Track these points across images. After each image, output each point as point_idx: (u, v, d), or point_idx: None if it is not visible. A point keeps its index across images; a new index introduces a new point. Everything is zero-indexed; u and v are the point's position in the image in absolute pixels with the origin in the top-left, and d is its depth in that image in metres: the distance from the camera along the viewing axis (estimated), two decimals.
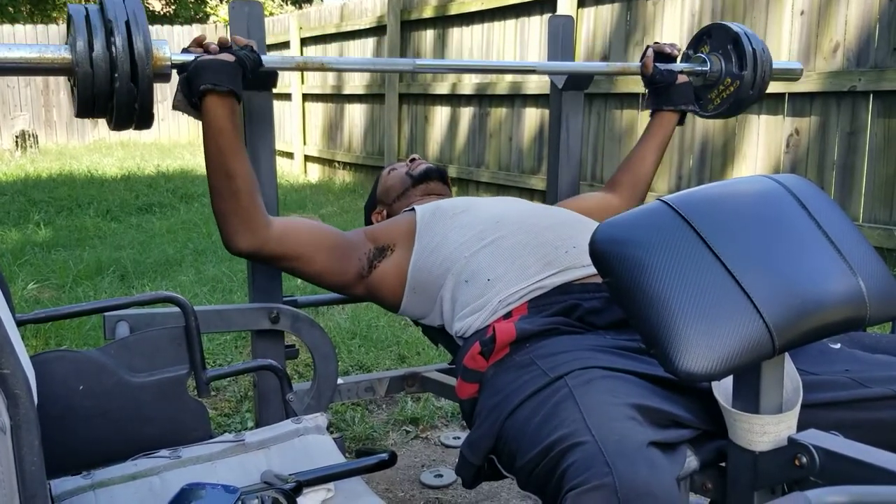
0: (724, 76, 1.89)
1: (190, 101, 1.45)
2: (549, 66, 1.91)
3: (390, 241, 1.62)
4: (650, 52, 1.89)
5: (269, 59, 1.52)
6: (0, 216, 5.71)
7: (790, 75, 2.03)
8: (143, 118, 1.34)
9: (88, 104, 1.31)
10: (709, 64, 1.91)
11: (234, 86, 1.43)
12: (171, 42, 11.74)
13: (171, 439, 1.21)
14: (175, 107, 1.47)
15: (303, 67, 1.62)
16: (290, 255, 1.54)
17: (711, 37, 1.93)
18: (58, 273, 4.06)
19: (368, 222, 1.95)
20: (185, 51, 1.48)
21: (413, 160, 1.93)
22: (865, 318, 1.00)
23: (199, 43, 1.48)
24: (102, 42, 1.27)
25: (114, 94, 1.29)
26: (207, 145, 1.46)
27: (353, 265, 1.59)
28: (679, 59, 1.94)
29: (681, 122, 1.94)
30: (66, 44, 1.32)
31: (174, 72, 1.43)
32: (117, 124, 1.34)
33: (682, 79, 1.88)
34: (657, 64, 1.87)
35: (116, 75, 1.28)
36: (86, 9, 1.31)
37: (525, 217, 1.57)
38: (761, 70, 1.86)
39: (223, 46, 1.47)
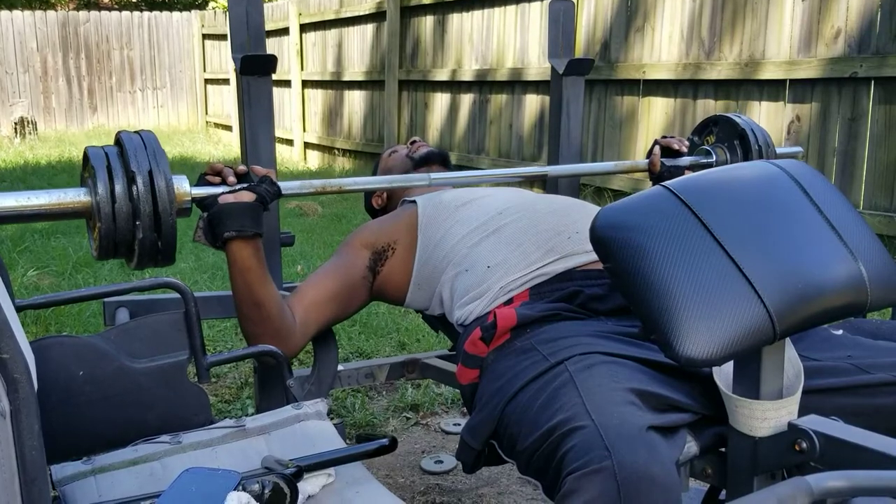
0: None
1: (213, 244, 1.43)
2: (560, 171, 1.89)
3: (390, 240, 1.60)
4: (657, 149, 1.89)
5: (288, 186, 1.49)
6: None
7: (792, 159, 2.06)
8: (165, 258, 1.32)
9: (110, 250, 1.28)
10: (714, 157, 1.93)
11: (257, 228, 1.41)
12: (171, 30, 11.71)
13: (172, 425, 1.21)
14: (196, 240, 1.44)
15: (321, 192, 1.58)
16: (314, 333, 1.56)
17: (718, 126, 1.95)
18: (57, 260, 4.06)
19: (368, 204, 1.94)
20: (201, 179, 1.44)
21: (414, 142, 1.91)
22: (866, 303, 1.00)
23: (216, 172, 1.45)
24: (124, 189, 1.24)
25: (135, 241, 1.26)
26: (234, 280, 1.44)
27: (360, 290, 1.59)
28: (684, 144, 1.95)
29: None
30: (84, 186, 1.28)
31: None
32: (139, 265, 1.31)
33: (688, 174, 1.87)
34: (664, 160, 1.88)
35: (138, 223, 1.25)
36: (105, 154, 1.26)
37: (527, 205, 1.57)
38: None
39: (240, 176, 1.44)
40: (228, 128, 10.58)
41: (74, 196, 1.25)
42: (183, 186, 1.32)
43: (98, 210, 1.23)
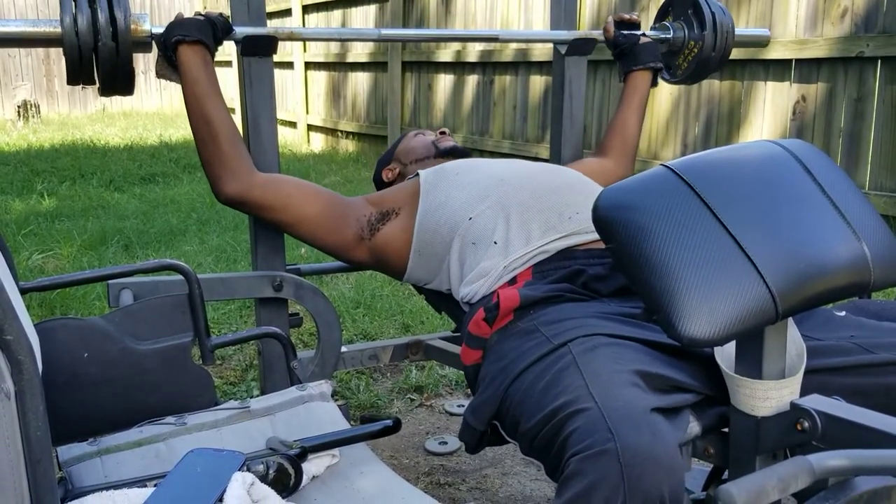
0: (688, 40, 2.00)
1: (167, 57, 1.57)
2: (511, 35, 1.95)
3: (394, 205, 1.62)
4: (610, 18, 1.98)
5: (241, 29, 1.61)
6: (4, 186, 5.70)
7: (758, 42, 2.10)
8: (124, 84, 1.51)
9: (76, 70, 1.47)
10: (672, 31, 2.01)
11: (202, 36, 1.55)
12: (172, 12, 11.64)
13: (177, 406, 1.21)
14: (158, 73, 1.59)
15: (272, 35, 1.63)
16: (277, 205, 1.58)
17: (673, 7, 2.03)
18: (62, 243, 4.07)
19: (378, 176, 1.95)
20: None
21: (443, 133, 1.93)
22: (869, 283, 0.99)
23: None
24: (87, 16, 1.44)
25: (98, 62, 1.46)
26: (186, 96, 1.57)
27: (350, 226, 1.60)
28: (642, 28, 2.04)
29: (654, 82, 2.00)
30: (59, 19, 1.49)
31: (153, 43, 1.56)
32: (104, 89, 1.51)
33: (644, 39, 1.97)
34: (621, 31, 1.96)
35: (100, 44, 1.45)
36: None
37: (528, 177, 1.57)
38: (722, 31, 1.96)
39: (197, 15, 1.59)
40: (231, 110, 10.53)
41: (47, 25, 1.47)
42: (143, 22, 1.52)
43: (65, 35, 1.45)
